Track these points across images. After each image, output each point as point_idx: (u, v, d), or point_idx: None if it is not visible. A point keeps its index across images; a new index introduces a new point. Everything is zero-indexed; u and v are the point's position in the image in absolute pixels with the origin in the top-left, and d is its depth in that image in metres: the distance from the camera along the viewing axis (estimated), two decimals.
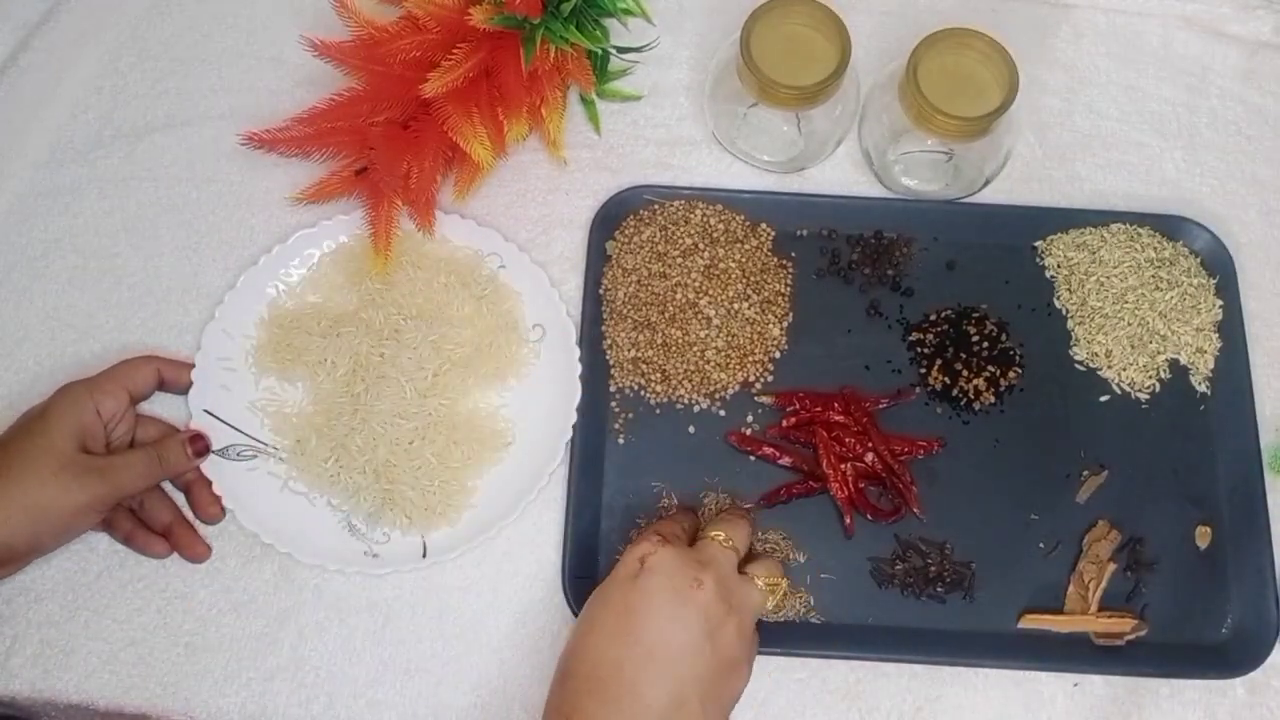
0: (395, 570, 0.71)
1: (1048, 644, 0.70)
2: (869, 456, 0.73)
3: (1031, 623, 0.71)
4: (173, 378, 0.73)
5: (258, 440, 0.74)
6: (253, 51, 0.86)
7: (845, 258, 0.80)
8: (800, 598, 0.71)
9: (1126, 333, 0.77)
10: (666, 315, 0.77)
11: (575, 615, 0.69)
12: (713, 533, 0.63)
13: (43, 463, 0.65)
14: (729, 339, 0.77)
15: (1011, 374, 0.76)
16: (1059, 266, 0.79)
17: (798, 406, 0.75)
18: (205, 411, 0.73)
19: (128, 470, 0.68)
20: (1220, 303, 0.78)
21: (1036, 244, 0.80)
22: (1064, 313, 0.79)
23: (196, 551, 0.71)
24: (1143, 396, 0.76)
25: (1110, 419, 0.76)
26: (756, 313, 0.77)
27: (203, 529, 0.72)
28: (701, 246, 0.79)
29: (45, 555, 0.69)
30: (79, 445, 0.67)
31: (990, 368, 0.76)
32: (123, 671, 0.69)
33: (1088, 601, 0.71)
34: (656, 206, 0.80)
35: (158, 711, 0.68)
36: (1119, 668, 0.70)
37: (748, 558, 0.65)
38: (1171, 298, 0.77)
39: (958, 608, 0.71)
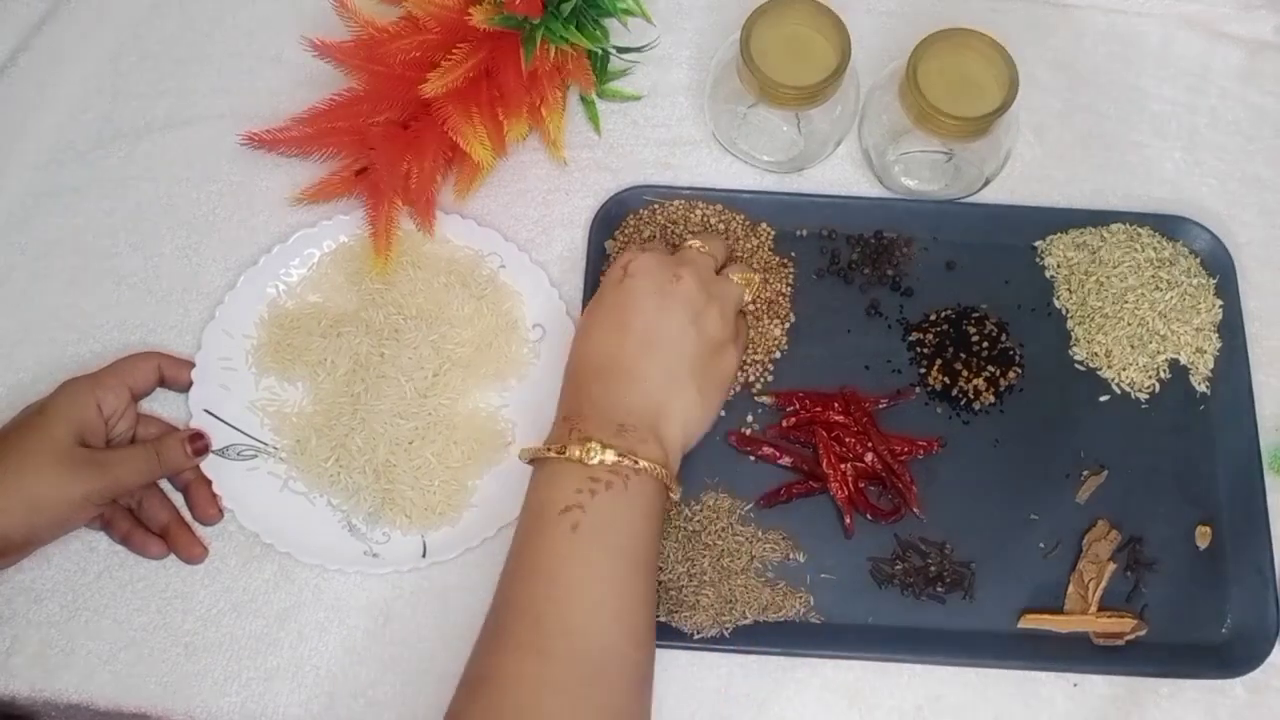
0: (395, 570, 0.71)
1: (1048, 644, 0.70)
2: (869, 456, 0.73)
3: (1031, 623, 0.71)
4: (173, 375, 0.73)
5: (258, 440, 0.74)
6: (253, 51, 0.86)
7: (845, 258, 0.80)
8: (800, 598, 0.71)
9: (1126, 333, 0.77)
10: None
11: None
12: (690, 243, 0.71)
13: (41, 455, 0.65)
14: None
15: (1011, 374, 0.76)
16: (1059, 266, 0.79)
17: (798, 406, 0.75)
18: (205, 411, 0.73)
19: (125, 465, 0.68)
20: (1220, 303, 0.78)
21: (1036, 244, 0.80)
22: (1064, 313, 0.79)
23: (193, 553, 0.71)
24: (1143, 396, 0.76)
25: (1110, 419, 0.76)
26: (757, 312, 0.77)
27: (201, 529, 0.72)
28: None
29: (42, 547, 0.69)
30: (78, 439, 0.67)
31: (990, 368, 0.76)
32: (123, 671, 0.69)
33: (1088, 601, 0.71)
34: (656, 206, 0.80)
35: (158, 711, 0.68)
36: (1119, 668, 0.70)
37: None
38: (1171, 298, 0.77)
39: (958, 608, 0.71)
